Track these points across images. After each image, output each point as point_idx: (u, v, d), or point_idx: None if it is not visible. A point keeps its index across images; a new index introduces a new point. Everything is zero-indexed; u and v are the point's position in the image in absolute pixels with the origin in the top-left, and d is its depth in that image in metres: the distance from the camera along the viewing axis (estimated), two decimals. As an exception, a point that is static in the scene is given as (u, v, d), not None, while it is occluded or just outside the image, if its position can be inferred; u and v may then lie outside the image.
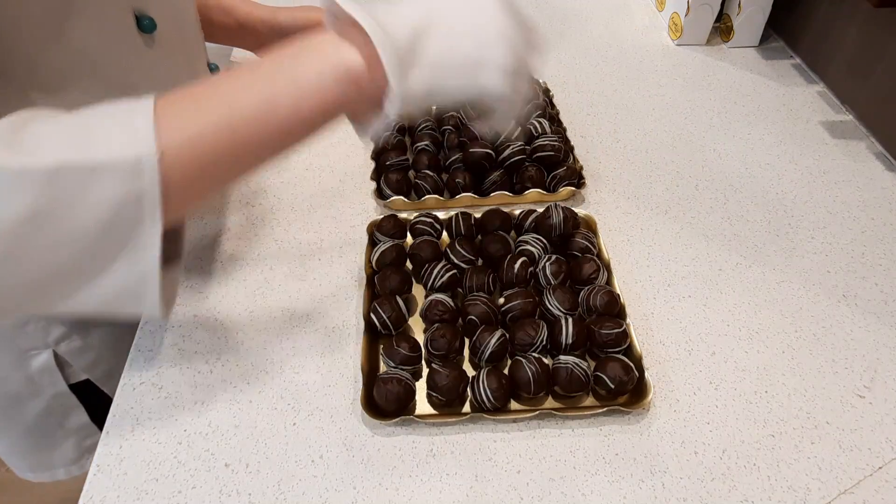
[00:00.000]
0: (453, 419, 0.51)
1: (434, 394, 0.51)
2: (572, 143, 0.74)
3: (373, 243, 0.63)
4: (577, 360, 0.51)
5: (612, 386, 0.50)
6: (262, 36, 0.78)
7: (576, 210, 0.64)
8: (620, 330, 0.53)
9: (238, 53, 0.90)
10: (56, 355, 0.62)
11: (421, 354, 0.54)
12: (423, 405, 0.52)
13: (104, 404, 0.67)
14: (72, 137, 0.37)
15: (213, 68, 0.77)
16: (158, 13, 0.55)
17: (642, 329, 0.58)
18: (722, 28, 0.96)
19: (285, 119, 0.40)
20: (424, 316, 0.56)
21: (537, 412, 0.51)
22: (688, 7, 0.91)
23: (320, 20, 0.75)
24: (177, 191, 0.38)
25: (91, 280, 0.38)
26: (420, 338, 0.55)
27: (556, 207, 0.62)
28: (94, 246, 0.37)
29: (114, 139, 0.37)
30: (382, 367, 0.54)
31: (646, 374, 0.52)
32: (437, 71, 0.41)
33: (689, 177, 0.73)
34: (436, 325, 0.54)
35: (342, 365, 0.55)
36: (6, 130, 0.36)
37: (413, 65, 0.40)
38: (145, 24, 0.53)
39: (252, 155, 0.41)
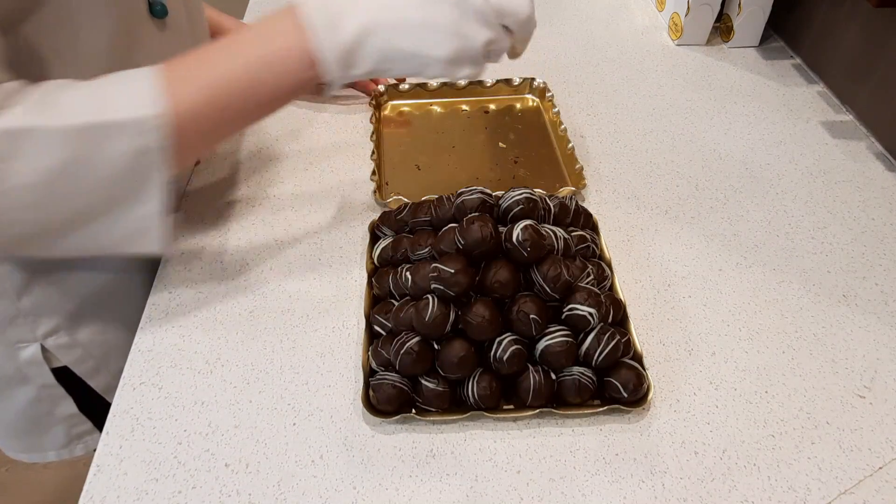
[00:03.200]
0: (453, 418, 0.51)
1: (424, 406, 0.51)
2: (572, 143, 0.74)
3: (374, 239, 0.63)
4: (582, 369, 0.51)
5: (625, 394, 0.50)
6: None
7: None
8: (625, 339, 0.52)
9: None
10: (44, 349, 0.63)
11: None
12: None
13: (93, 395, 0.68)
14: (91, 102, 0.43)
15: None
16: (171, 0, 0.57)
17: (642, 329, 0.58)
18: (722, 28, 0.96)
19: (264, 95, 0.47)
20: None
21: (537, 412, 0.51)
22: (688, 7, 0.91)
23: None
24: (179, 145, 0.45)
25: (106, 221, 0.46)
26: None
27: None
28: (110, 192, 0.45)
29: (125, 103, 0.43)
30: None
31: (646, 374, 0.52)
32: (380, 64, 0.47)
33: (689, 177, 0.73)
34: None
35: (342, 365, 0.55)
36: (40, 96, 0.43)
37: (358, 58, 0.46)
38: (157, 10, 0.56)
39: (238, 120, 0.50)
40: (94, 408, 0.69)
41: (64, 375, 0.66)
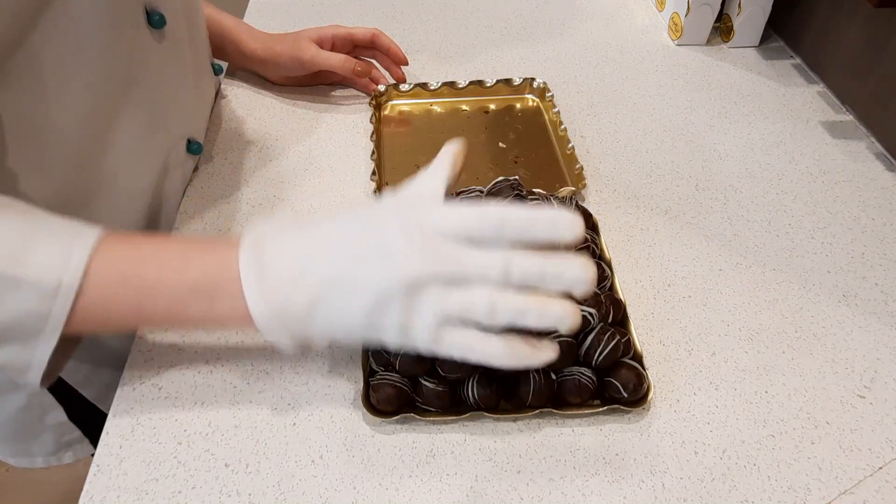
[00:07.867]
0: (453, 418, 0.51)
1: (424, 406, 0.51)
2: (572, 142, 0.74)
3: None
4: (581, 369, 0.51)
5: (625, 394, 0.50)
6: (278, 69, 0.82)
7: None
8: (625, 339, 0.52)
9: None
10: None
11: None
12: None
13: (84, 403, 0.67)
14: (12, 247, 0.40)
15: (217, 70, 0.78)
16: (170, 10, 0.56)
17: (642, 329, 0.58)
18: (722, 28, 0.96)
19: (190, 326, 0.46)
20: None
21: (537, 412, 0.51)
22: (688, 7, 0.91)
23: (334, 64, 0.80)
24: (77, 323, 0.42)
25: None
26: None
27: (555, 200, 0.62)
28: None
29: (47, 259, 0.40)
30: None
31: (646, 374, 0.52)
32: (331, 334, 0.44)
33: (689, 177, 0.73)
34: None
35: (342, 365, 0.55)
36: None
37: (307, 326, 0.43)
38: (155, 20, 0.54)
39: (148, 325, 0.48)
40: (85, 416, 0.69)
41: (55, 383, 0.65)
